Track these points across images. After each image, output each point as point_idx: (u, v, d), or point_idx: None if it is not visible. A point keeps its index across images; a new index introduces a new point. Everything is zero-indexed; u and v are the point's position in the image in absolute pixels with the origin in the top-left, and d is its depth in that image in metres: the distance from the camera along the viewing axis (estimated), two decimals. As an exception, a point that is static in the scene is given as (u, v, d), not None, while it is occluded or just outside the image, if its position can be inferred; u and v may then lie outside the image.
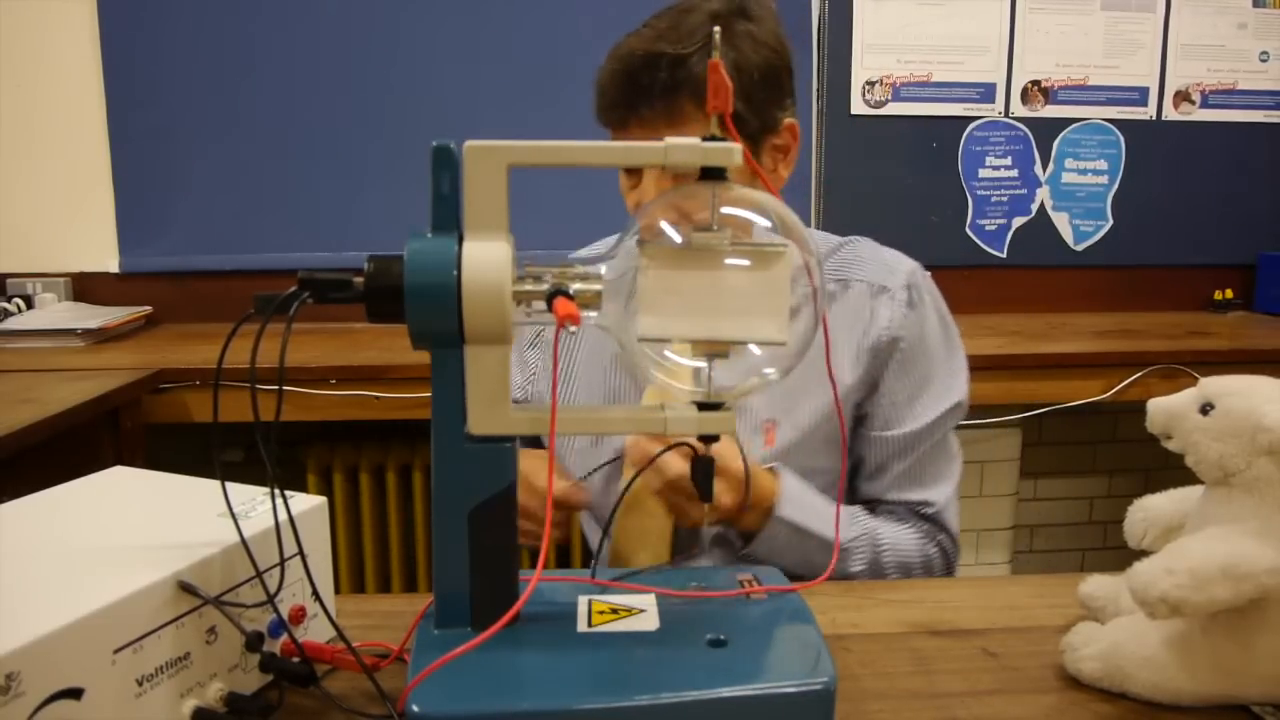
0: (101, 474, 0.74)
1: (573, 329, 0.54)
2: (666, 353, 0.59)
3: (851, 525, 0.99)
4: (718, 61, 0.56)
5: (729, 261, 0.57)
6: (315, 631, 0.68)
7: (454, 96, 2.21)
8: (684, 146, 0.56)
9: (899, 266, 1.06)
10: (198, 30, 2.16)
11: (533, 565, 0.63)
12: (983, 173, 2.37)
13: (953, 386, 1.05)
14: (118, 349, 1.95)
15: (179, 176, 2.20)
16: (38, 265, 2.21)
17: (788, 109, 0.99)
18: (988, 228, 2.40)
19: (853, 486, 1.07)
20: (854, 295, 1.03)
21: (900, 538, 1.02)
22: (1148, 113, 2.39)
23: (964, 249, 2.38)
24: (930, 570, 1.03)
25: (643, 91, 0.90)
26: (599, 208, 1.27)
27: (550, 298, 0.55)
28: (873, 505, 1.05)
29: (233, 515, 0.58)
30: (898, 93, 2.32)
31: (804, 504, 0.95)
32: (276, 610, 0.61)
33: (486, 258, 0.54)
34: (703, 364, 0.59)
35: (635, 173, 0.96)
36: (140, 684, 0.53)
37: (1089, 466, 2.56)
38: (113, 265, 2.22)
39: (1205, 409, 0.62)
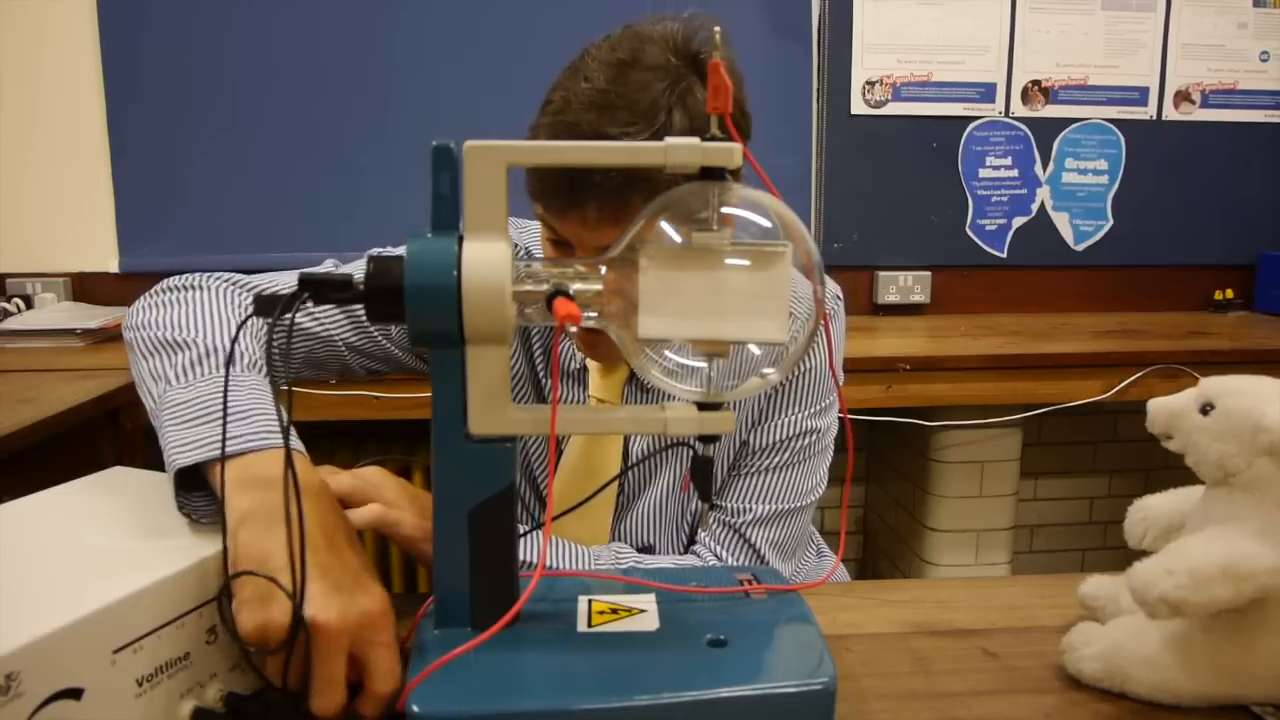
0: (101, 474, 0.75)
1: (573, 329, 0.54)
2: (667, 353, 0.59)
3: (606, 563, 0.89)
4: (718, 61, 0.56)
5: (729, 261, 0.57)
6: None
7: (454, 96, 2.21)
8: (684, 147, 0.56)
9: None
10: (197, 30, 2.16)
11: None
12: (983, 173, 2.37)
13: (818, 418, 0.98)
14: (118, 349, 1.95)
15: (179, 176, 2.20)
16: (38, 265, 2.21)
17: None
18: (988, 228, 2.40)
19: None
20: None
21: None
22: (1148, 113, 2.39)
23: (964, 249, 2.38)
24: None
25: (591, 187, 0.76)
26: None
27: (550, 298, 0.55)
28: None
29: (224, 517, 0.58)
30: (898, 93, 2.32)
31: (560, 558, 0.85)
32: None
33: (486, 258, 0.54)
34: (703, 364, 0.59)
35: (563, 247, 0.84)
36: (140, 684, 0.53)
37: (1089, 466, 2.56)
38: (113, 265, 2.22)
39: (1205, 409, 0.62)
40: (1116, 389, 1.90)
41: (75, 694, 0.49)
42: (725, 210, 0.57)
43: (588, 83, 0.80)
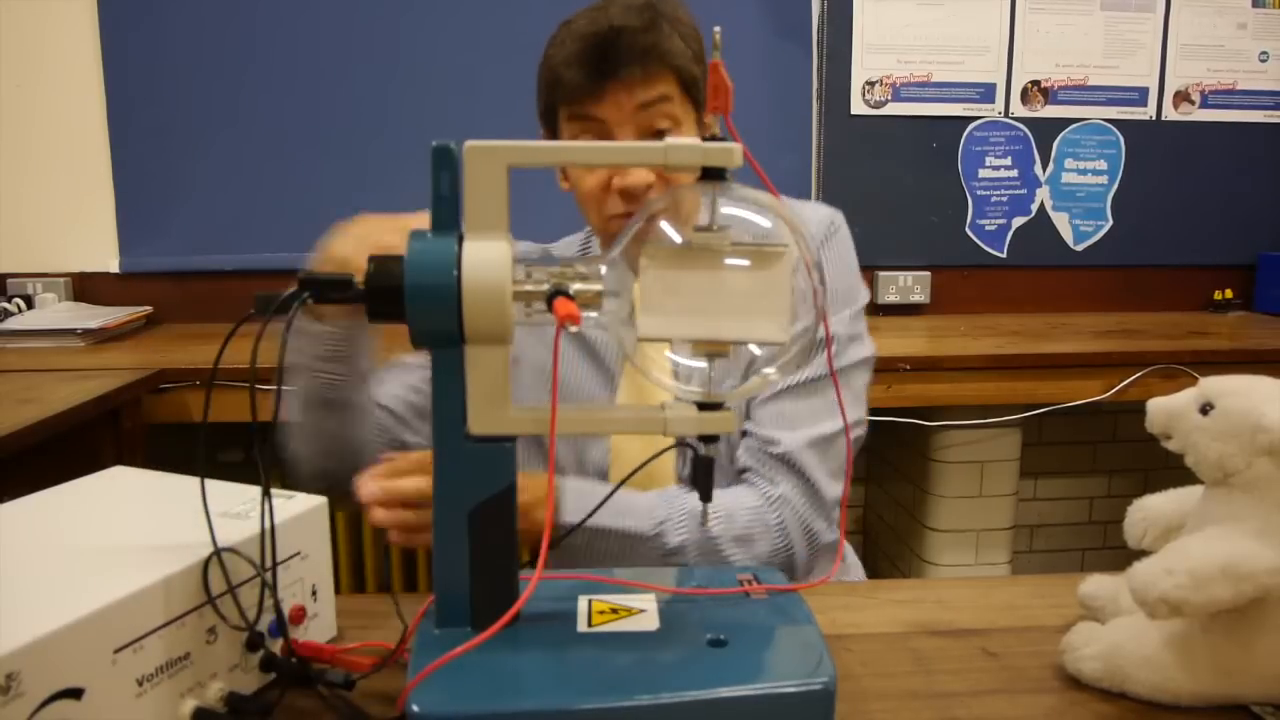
0: (101, 474, 0.75)
1: (573, 329, 0.54)
2: (667, 353, 0.59)
3: (666, 509, 0.91)
4: (718, 61, 0.56)
5: (729, 261, 0.57)
6: (315, 631, 0.68)
7: (454, 96, 2.21)
8: (684, 147, 0.56)
9: (818, 210, 1.04)
10: (198, 30, 2.16)
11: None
12: (983, 173, 2.37)
13: (836, 324, 0.99)
14: (118, 349, 1.95)
15: (179, 176, 2.20)
16: (38, 265, 2.21)
17: None
18: (988, 228, 2.40)
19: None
20: None
21: (732, 507, 0.92)
22: (1147, 113, 2.39)
23: (964, 249, 2.38)
24: (777, 539, 0.92)
25: (620, 58, 0.91)
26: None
27: (550, 298, 0.55)
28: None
29: (208, 518, 0.58)
30: (898, 93, 2.32)
31: (589, 503, 0.85)
32: (279, 608, 0.61)
33: (486, 258, 0.54)
34: (703, 364, 0.59)
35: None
36: (140, 684, 0.53)
37: (1089, 466, 2.56)
38: (113, 265, 2.22)
39: (1205, 409, 0.62)
40: (1116, 389, 1.90)
41: (75, 694, 0.49)
42: (725, 210, 0.58)
43: (571, 21, 0.95)
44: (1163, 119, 2.40)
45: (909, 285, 2.34)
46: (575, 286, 0.57)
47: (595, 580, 0.68)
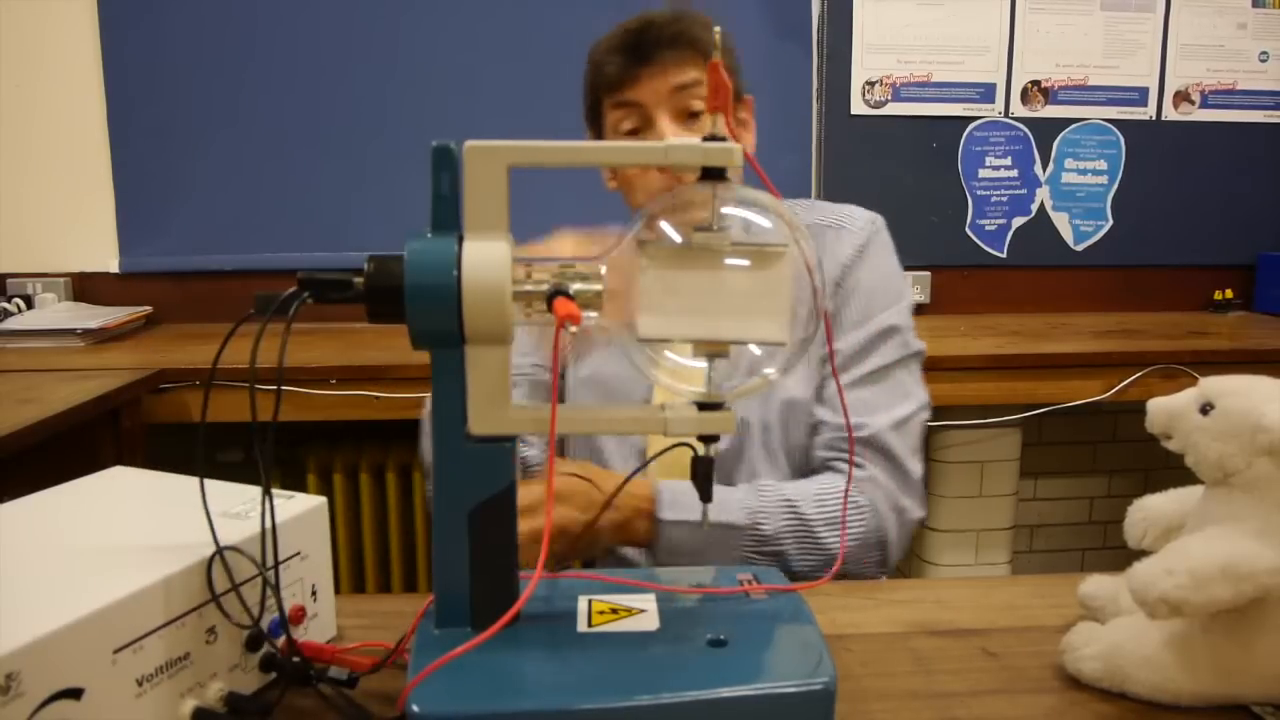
0: (101, 474, 0.74)
1: (573, 329, 0.54)
2: (667, 353, 0.59)
3: (759, 500, 0.95)
4: (718, 62, 0.56)
5: (729, 261, 0.57)
6: (315, 631, 0.68)
7: (454, 96, 2.21)
8: (684, 147, 0.56)
9: (857, 211, 1.12)
10: (198, 30, 2.16)
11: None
12: (983, 173, 2.37)
13: (899, 319, 1.05)
14: (118, 349, 1.95)
15: (179, 176, 2.20)
16: (38, 265, 2.21)
17: (743, 85, 1.08)
18: (988, 228, 2.40)
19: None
20: (814, 235, 1.04)
21: (821, 492, 0.96)
22: (1147, 113, 2.39)
23: (964, 249, 2.38)
24: (869, 519, 0.97)
25: (654, 43, 1.01)
26: (599, 208, 1.26)
27: (550, 298, 0.55)
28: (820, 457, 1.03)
29: (208, 517, 0.58)
30: (898, 93, 2.32)
31: (687, 500, 0.92)
32: (280, 608, 0.61)
33: (486, 258, 0.54)
34: (703, 364, 0.59)
35: (644, 131, 1.02)
36: (140, 684, 0.53)
37: (1089, 466, 2.56)
38: (113, 265, 2.22)
39: (1205, 409, 0.62)
40: (1116, 389, 1.90)
41: (75, 694, 0.49)
42: (725, 210, 0.57)
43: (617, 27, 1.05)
44: (1163, 119, 2.40)
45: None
46: (575, 286, 0.57)
47: (595, 580, 0.68)
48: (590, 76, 1.07)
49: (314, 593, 0.67)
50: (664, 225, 0.58)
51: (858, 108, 2.31)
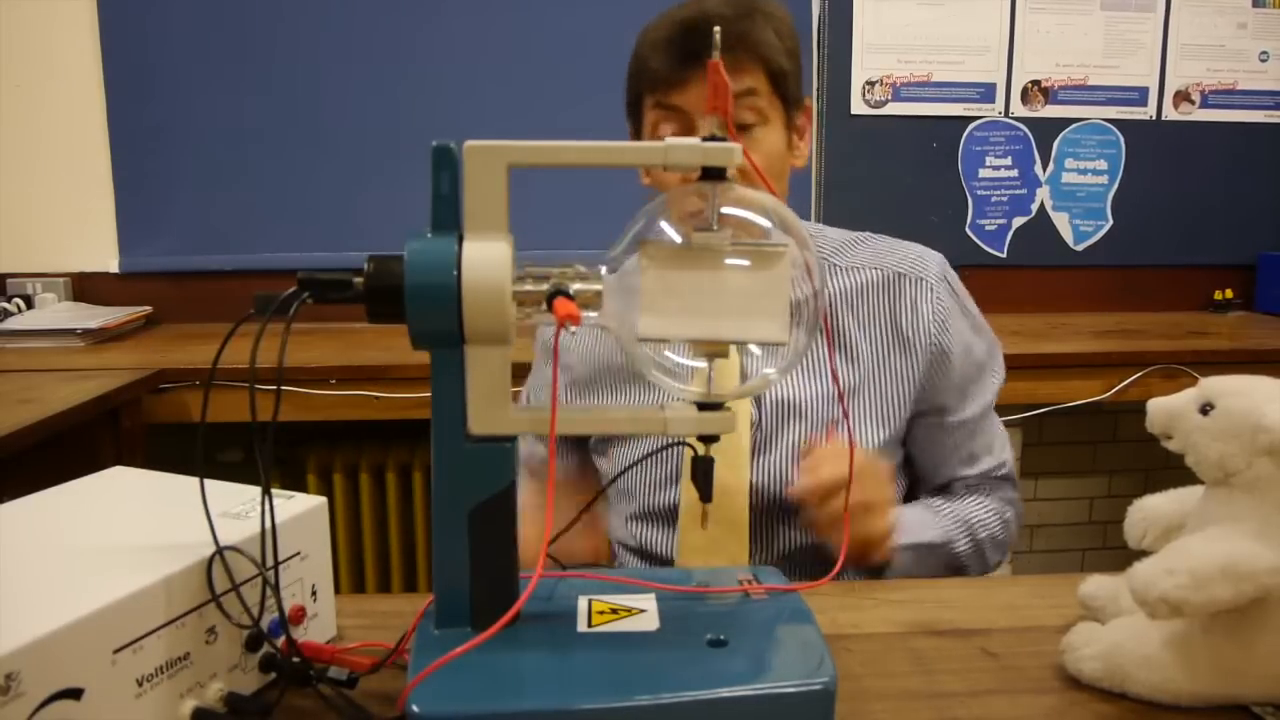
0: (101, 474, 0.74)
1: (573, 329, 0.54)
2: (666, 353, 0.59)
3: (945, 519, 1.02)
4: (718, 62, 0.56)
5: (729, 261, 0.57)
6: (315, 631, 0.68)
7: (454, 96, 2.21)
8: (684, 147, 0.56)
9: (928, 256, 1.08)
10: (198, 30, 2.16)
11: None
12: (983, 173, 2.37)
13: (996, 362, 1.13)
14: (118, 349, 1.95)
15: (179, 176, 2.20)
16: (38, 265, 2.21)
17: (802, 89, 1.04)
18: (988, 228, 2.40)
19: (925, 471, 1.10)
20: (890, 283, 1.05)
21: (984, 513, 1.06)
22: (1148, 113, 2.39)
23: (964, 249, 2.38)
24: (1010, 530, 1.08)
25: (707, 44, 0.91)
26: (599, 208, 1.27)
27: (550, 298, 0.55)
28: (948, 485, 1.09)
29: (208, 517, 0.58)
30: (898, 93, 2.32)
31: (912, 523, 0.97)
32: (280, 608, 0.61)
33: (486, 258, 0.54)
34: (703, 364, 0.59)
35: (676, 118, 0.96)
36: (140, 684, 0.53)
37: (1089, 466, 2.56)
38: (113, 265, 2.22)
39: (1205, 409, 0.62)
40: (1116, 389, 1.90)
41: (75, 694, 0.49)
42: (725, 210, 0.57)
43: (667, 13, 0.95)
44: (1163, 119, 2.40)
45: (909, 285, 2.34)
46: (575, 286, 0.57)
47: (595, 580, 0.68)
48: (633, 68, 0.98)
49: (314, 593, 0.67)
50: (664, 225, 0.58)
51: (858, 108, 2.31)
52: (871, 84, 2.31)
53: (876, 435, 1.02)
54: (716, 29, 0.60)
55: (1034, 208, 2.40)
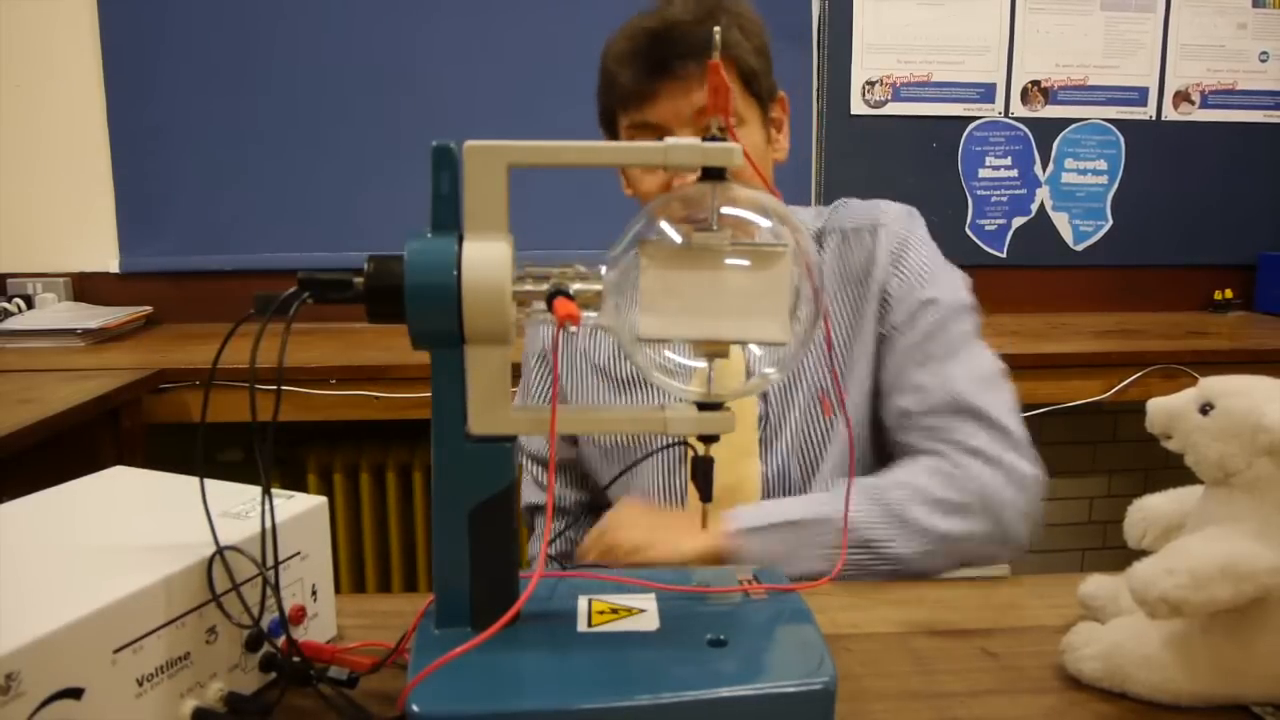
0: (101, 474, 0.74)
1: (573, 329, 0.54)
2: (666, 353, 0.59)
3: (832, 496, 0.90)
4: (718, 63, 0.56)
5: (729, 261, 0.57)
6: (315, 631, 0.68)
7: (454, 96, 2.21)
8: (684, 147, 0.56)
9: (892, 207, 1.06)
10: (198, 30, 2.16)
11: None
12: (982, 173, 2.37)
13: (957, 298, 1.01)
14: (118, 349, 1.95)
15: (179, 176, 2.20)
16: (38, 265, 2.21)
17: (776, 83, 1.01)
18: (987, 228, 2.40)
19: (889, 417, 1.00)
20: (849, 237, 1.03)
21: (912, 471, 0.91)
22: (1147, 113, 2.39)
23: (964, 249, 2.38)
24: (968, 488, 0.89)
25: (675, 52, 0.88)
26: (599, 208, 1.27)
27: (550, 298, 0.55)
28: (904, 430, 0.98)
29: (208, 517, 0.58)
30: (898, 93, 2.32)
31: (763, 508, 0.90)
32: (281, 608, 0.61)
33: (486, 258, 0.54)
34: (703, 364, 0.59)
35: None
36: (140, 684, 0.53)
37: (1089, 466, 2.56)
38: (113, 265, 2.22)
39: (1205, 409, 0.62)
40: (1116, 389, 1.90)
41: (75, 694, 0.49)
42: (725, 210, 0.57)
43: (631, 20, 0.93)
44: (1163, 119, 2.40)
45: (909, 285, 2.34)
46: (575, 286, 0.57)
47: (595, 580, 0.68)
48: (602, 83, 0.96)
49: (314, 592, 0.67)
50: (664, 225, 0.58)
51: (858, 107, 2.31)
52: (871, 84, 2.31)
53: (863, 386, 1.01)
54: (716, 30, 0.60)
55: (1034, 208, 2.40)
